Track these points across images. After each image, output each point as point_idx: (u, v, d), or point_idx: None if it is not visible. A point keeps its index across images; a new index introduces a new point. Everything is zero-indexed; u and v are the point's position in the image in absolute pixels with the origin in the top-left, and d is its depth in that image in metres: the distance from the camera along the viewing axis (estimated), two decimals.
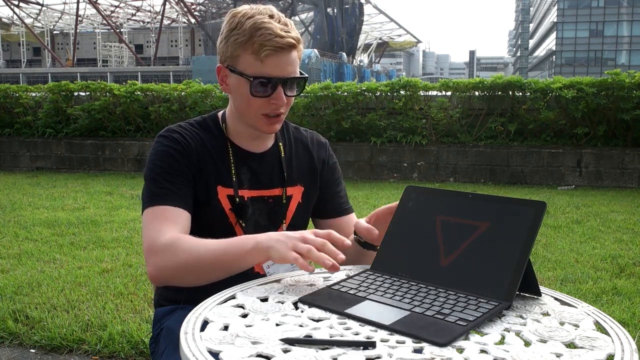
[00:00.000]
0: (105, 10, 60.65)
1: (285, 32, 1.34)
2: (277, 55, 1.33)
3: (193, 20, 58.66)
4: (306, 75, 1.42)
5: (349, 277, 1.22)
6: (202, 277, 1.27)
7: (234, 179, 1.45)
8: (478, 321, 1.00)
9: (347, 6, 50.50)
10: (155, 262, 1.28)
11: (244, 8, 1.38)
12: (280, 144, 1.54)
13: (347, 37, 51.50)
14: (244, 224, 1.46)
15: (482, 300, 1.07)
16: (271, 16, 1.35)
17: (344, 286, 1.17)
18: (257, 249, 1.21)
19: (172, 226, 1.31)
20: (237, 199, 1.45)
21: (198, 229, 1.36)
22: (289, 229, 1.52)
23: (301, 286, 1.22)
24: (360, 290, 1.15)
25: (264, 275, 1.46)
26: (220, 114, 1.52)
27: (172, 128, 1.46)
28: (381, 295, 1.12)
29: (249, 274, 1.44)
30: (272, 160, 1.51)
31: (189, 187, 1.40)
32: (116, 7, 64.70)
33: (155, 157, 1.41)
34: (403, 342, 0.95)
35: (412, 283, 1.16)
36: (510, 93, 7.50)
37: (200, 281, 1.28)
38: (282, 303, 1.11)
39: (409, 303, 1.07)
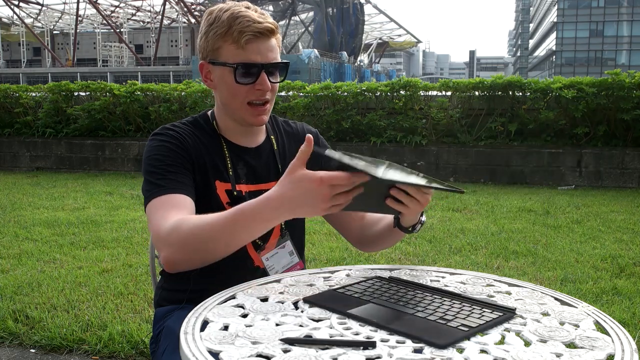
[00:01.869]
0: (105, 10, 60.62)
1: (263, 18, 1.38)
2: (258, 41, 1.37)
3: (193, 20, 58.66)
4: (287, 62, 1.45)
5: (357, 283, 1.23)
6: (212, 247, 1.21)
7: (231, 174, 1.46)
8: (480, 328, 1.00)
9: (346, 6, 50.46)
10: (165, 251, 1.25)
11: (219, 5, 1.42)
12: (272, 137, 1.55)
13: (348, 38, 51.48)
14: None
15: (487, 310, 1.07)
16: (247, 7, 1.40)
17: (349, 290, 1.17)
18: (282, 210, 1.15)
19: (178, 212, 1.29)
20: (235, 193, 1.45)
21: None
22: (287, 224, 1.51)
23: (301, 286, 1.22)
24: (365, 295, 1.15)
25: (264, 270, 1.46)
26: (209, 112, 1.53)
27: (166, 127, 1.46)
28: (385, 300, 1.12)
29: (249, 268, 1.44)
30: (266, 154, 1.52)
31: (190, 177, 1.40)
32: (116, 7, 64.65)
33: (153, 152, 1.41)
34: (403, 342, 0.95)
35: (418, 292, 1.16)
36: (510, 93, 7.49)
37: (211, 253, 1.23)
38: (282, 303, 1.11)
39: (412, 308, 1.08)
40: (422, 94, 7.81)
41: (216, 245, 1.22)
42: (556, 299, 1.17)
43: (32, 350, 2.71)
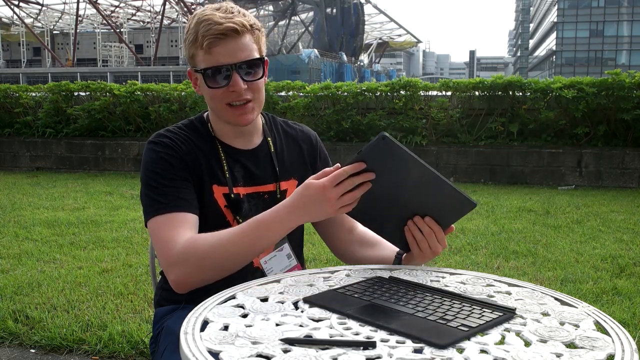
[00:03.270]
0: (105, 10, 60.57)
1: (226, 19, 1.33)
2: (221, 42, 1.33)
3: None
4: (258, 56, 1.39)
5: (357, 283, 1.23)
6: (228, 262, 1.28)
7: (228, 177, 1.45)
8: (480, 328, 1.00)
9: (346, 6, 50.43)
10: (178, 272, 1.28)
11: (199, 9, 1.41)
12: (269, 138, 1.54)
13: (349, 38, 51.44)
14: (241, 220, 1.45)
15: (487, 310, 1.07)
16: (217, 9, 1.36)
17: (349, 290, 1.17)
18: (295, 216, 1.23)
19: (183, 232, 1.31)
20: (232, 196, 1.44)
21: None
22: None
23: (301, 286, 1.22)
24: (365, 295, 1.15)
25: (263, 271, 1.46)
26: (205, 115, 1.53)
27: (161, 133, 1.45)
28: (385, 300, 1.12)
29: (249, 269, 1.44)
30: (263, 156, 1.51)
31: (190, 188, 1.39)
32: (116, 7, 64.63)
33: (150, 164, 1.40)
34: (403, 342, 0.95)
35: (418, 292, 1.16)
36: (511, 93, 7.49)
37: (225, 269, 1.29)
38: (282, 303, 1.11)
39: (412, 308, 1.08)
40: (422, 94, 7.81)
41: (236, 259, 1.28)
42: (556, 299, 1.17)
43: (32, 351, 2.71)
